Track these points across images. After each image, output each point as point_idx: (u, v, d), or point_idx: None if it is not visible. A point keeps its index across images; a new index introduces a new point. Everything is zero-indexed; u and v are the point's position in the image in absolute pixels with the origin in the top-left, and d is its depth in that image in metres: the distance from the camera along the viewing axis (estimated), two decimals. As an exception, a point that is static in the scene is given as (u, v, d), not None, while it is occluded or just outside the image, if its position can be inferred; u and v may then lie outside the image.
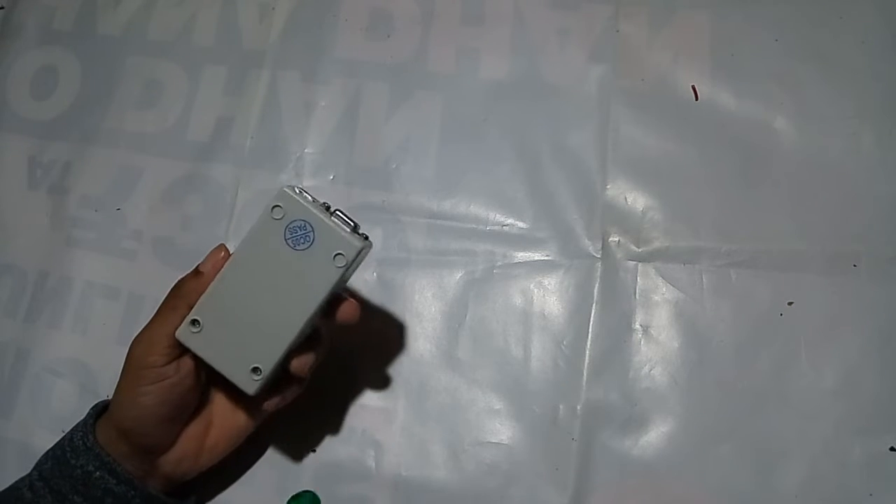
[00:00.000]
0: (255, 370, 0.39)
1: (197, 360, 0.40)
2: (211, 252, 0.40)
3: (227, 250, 0.40)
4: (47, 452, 0.41)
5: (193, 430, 0.42)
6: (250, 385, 0.39)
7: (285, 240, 0.38)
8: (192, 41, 0.57)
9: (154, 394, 0.39)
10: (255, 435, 0.45)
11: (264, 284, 0.38)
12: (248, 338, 0.39)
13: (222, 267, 0.39)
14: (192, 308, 0.39)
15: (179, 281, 0.41)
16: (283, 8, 0.56)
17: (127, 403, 0.39)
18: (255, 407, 0.43)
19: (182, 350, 0.39)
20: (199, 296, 0.39)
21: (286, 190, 0.38)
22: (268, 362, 0.39)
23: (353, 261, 0.38)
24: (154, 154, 0.55)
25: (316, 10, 0.56)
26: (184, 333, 0.39)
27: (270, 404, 0.41)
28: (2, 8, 0.61)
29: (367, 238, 0.39)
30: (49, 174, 0.56)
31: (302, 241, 0.38)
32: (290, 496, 0.45)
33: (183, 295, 0.39)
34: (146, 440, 0.40)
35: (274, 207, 0.38)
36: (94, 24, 0.59)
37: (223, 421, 0.43)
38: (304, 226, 0.38)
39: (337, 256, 0.38)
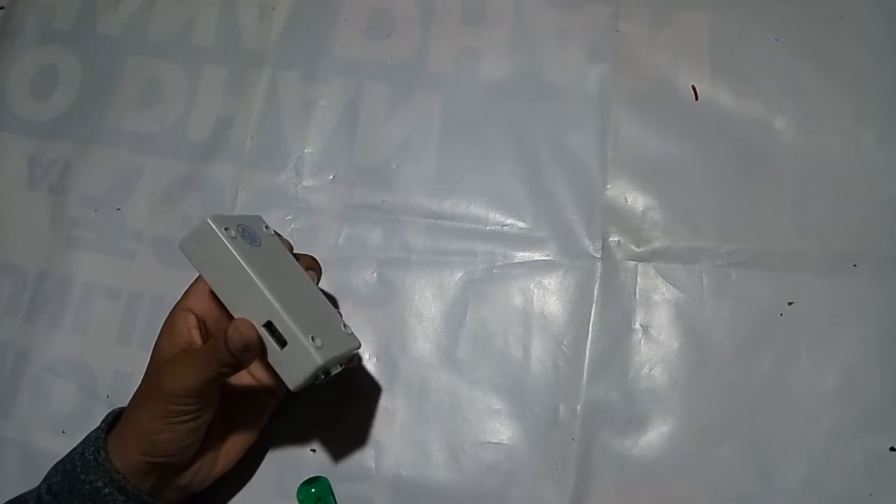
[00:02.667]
0: (346, 325, 0.43)
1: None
2: (236, 334, 0.37)
3: (249, 326, 0.38)
4: (57, 465, 0.41)
5: (209, 438, 0.42)
6: (354, 340, 0.43)
7: (251, 245, 0.41)
8: (192, 41, 0.57)
9: (184, 422, 0.38)
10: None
11: (283, 278, 0.41)
12: (319, 316, 0.42)
13: (254, 344, 0.38)
14: (231, 371, 0.38)
15: (216, 344, 0.38)
16: (283, 8, 0.56)
17: (156, 430, 0.38)
18: (263, 401, 0.44)
19: (214, 387, 0.39)
20: (236, 367, 0.38)
21: (214, 216, 0.40)
22: (338, 318, 0.44)
23: None
24: (154, 154, 0.55)
25: (316, 9, 0.56)
26: (321, 355, 0.38)
27: None
28: (2, 8, 0.61)
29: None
30: (49, 174, 0.56)
31: (254, 238, 0.41)
32: (300, 483, 0.45)
33: (222, 363, 0.38)
34: (173, 459, 0.40)
35: (225, 230, 0.40)
36: (94, 24, 0.59)
37: (237, 425, 0.43)
38: (244, 227, 0.41)
39: (266, 227, 0.43)
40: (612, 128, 0.50)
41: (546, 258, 0.49)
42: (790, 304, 0.46)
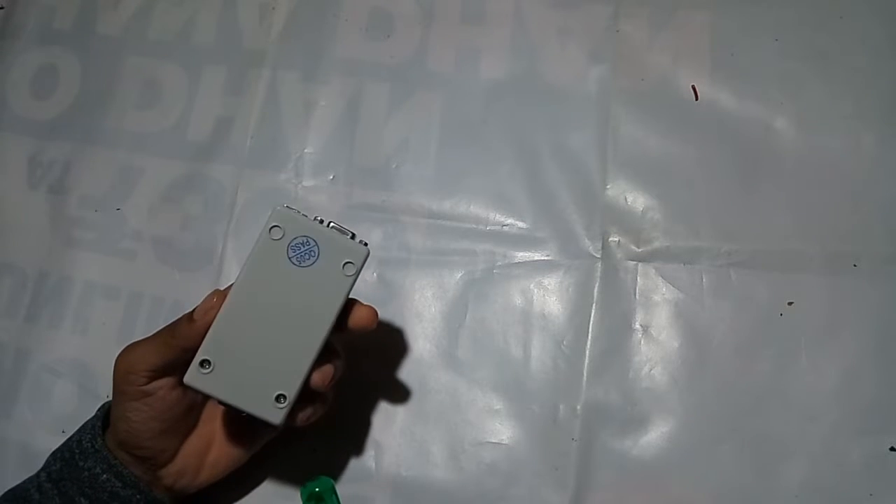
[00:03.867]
0: (280, 398, 0.37)
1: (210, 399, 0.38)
2: (205, 298, 0.38)
3: (220, 295, 0.38)
4: (55, 453, 0.41)
5: (194, 445, 0.42)
6: (276, 414, 0.37)
7: (289, 258, 0.37)
8: (192, 41, 0.57)
9: (139, 410, 0.39)
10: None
11: (274, 308, 0.37)
12: (266, 366, 0.37)
13: (218, 309, 0.37)
14: (186, 350, 0.37)
15: (174, 323, 0.39)
16: (283, 8, 0.56)
17: (118, 417, 0.39)
18: (259, 428, 0.43)
19: (163, 371, 0.39)
20: (193, 341, 0.37)
21: (282, 209, 0.37)
22: (291, 387, 0.37)
23: (362, 267, 0.38)
24: (154, 154, 0.55)
25: (316, 10, 0.56)
26: (194, 378, 0.37)
27: (303, 416, 0.40)
28: (2, 8, 0.61)
29: (366, 244, 0.39)
30: (49, 174, 0.56)
31: (307, 256, 0.37)
32: (301, 488, 0.45)
33: (177, 337, 0.38)
34: (142, 452, 0.40)
35: (272, 228, 0.37)
36: (94, 24, 0.59)
37: (225, 439, 0.43)
38: (307, 241, 0.37)
39: (346, 265, 0.38)
40: (612, 128, 0.50)
41: (546, 258, 0.49)
42: (790, 304, 0.46)
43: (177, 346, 0.38)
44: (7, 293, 0.54)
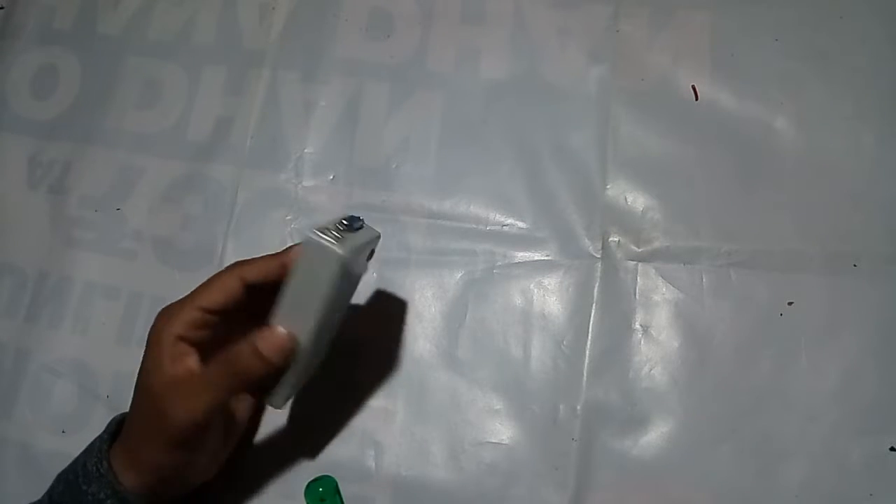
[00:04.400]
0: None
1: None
2: (269, 335, 0.37)
3: (293, 338, 0.37)
4: (60, 475, 0.40)
5: (215, 446, 0.42)
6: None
7: (349, 281, 0.41)
8: (192, 41, 0.57)
9: (200, 453, 0.39)
10: (255, 435, 0.45)
11: (327, 320, 0.40)
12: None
13: (290, 353, 0.37)
14: (249, 385, 0.37)
15: (235, 356, 0.37)
16: (283, 8, 0.56)
17: (162, 466, 0.38)
18: (239, 404, 0.44)
19: (219, 409, 0.38)
20: (260, 376, 0.37)
21: (341, 260, 0.37)
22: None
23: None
24: (154, 154, 0.55)
25: (316, 10, 0.56)
26: (279, 403, 0.40)
27: None
28: (2, 8, 0.61)
29: (361, 219, 0.41)
30: (49, 174, 0.56)
31: (360, 271, 0.43)
32: (304, 485, 0.45)
33: (241, 374, 0.37)
34: (182, 492, 0.40)
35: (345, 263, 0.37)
36: (94, 24, 0.59)
37: (227, 427, 0.43)
38: (360, 262, 0.42)
39: (370, 255, 0.44)
40: (612, 128, 0.50)
41: (546, 258, 0.49)
42: (790, 304, 0.46)
43: (240, 385, 0.37)
44: (7, 293, 0.54)
